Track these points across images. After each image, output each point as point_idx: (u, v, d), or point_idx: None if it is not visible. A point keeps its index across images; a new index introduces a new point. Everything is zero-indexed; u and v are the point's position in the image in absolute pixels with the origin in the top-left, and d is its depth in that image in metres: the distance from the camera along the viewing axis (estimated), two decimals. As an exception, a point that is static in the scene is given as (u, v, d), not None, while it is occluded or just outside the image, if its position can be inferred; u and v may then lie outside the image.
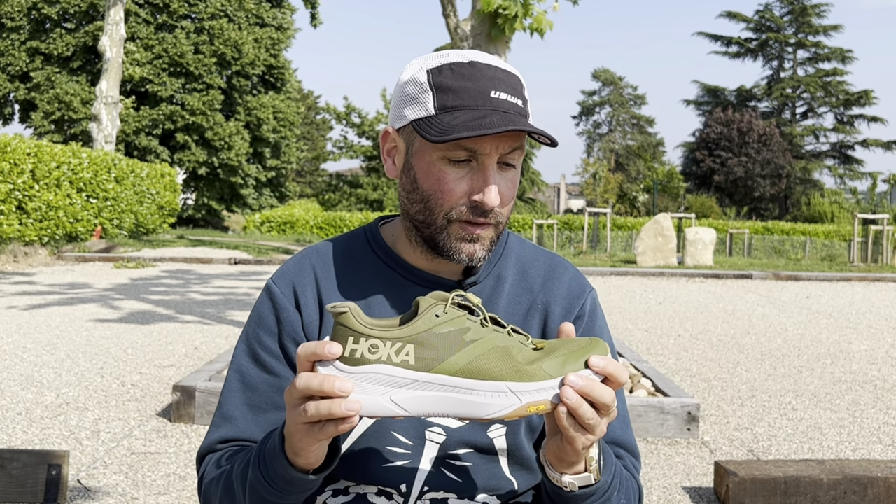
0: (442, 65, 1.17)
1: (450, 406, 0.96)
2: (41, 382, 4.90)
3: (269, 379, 1.26)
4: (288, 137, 33.93)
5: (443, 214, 1.18)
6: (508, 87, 1.16)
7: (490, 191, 1.15)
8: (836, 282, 14.22)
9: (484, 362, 0.96)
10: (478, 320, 0.99)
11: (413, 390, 0.96)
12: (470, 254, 1.19)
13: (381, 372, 0.95)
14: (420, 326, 0.97)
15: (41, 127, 29.39)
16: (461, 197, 1.17)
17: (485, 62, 1.17)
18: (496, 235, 1.21)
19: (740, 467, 3.16)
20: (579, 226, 25.30)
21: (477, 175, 1.16)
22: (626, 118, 57.28)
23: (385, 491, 1.23)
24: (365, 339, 0.96)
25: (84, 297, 8.95)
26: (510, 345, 0.99)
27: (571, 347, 1.00)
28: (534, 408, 0.97)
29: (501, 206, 1.19)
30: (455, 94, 1.15)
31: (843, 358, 6.56)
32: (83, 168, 15.67)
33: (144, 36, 30.25)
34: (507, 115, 1.13)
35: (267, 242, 20.55)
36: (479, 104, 1.14)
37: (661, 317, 8.79)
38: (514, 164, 1.19)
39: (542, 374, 0.97)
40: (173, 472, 3.41)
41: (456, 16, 7.38)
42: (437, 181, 1.17)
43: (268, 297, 1.29)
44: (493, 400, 0.96)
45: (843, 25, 50.29)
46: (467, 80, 1.15)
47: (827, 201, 37.71)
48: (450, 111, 1.14)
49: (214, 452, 1.26)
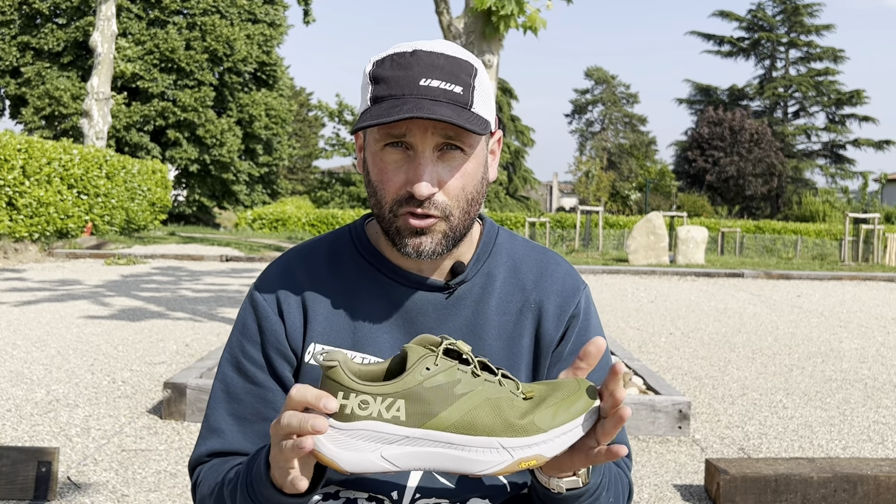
0: (386, 56, 1.16)
1: (441, 462, 0.96)
2: (31, 379, 4.88)
3: (254, 389, 1.25)
4: (280, 135, 33.87)
5: (388, 207, 1.17)
6: (445, 74, 1.13)
7: (419, 178, 1.13)
8: (826, 281, 14.27)
9: (475, 417, 0.96)
10: (468, 370, 0.99)
11: (404, 446, 0.95)
12: (416, 246, 1.17)
13: (372, 429, 0.95)
14: (410, 381, 0.95)
15: (31, 123, 29.24)
16: (400, 187, 1.15)
17: (429, 50, 1.14)
18: (450, 230, 1.18)
19: (731, 465, 3.17)
20: (571, 224, 25.32)
21: (411, 164, 1.14)
22: (619, 117, 57.38)
23: (376, 497, 1.21)
24: (355, 395, 0.95)
25: (75, 294, 8.91)
26: (501, 397, 0.98)
27: (561, 395, 1.00)
28: (525, 463, 0.97)
29: (446, 196, 1.15)
30: (386, 85, 1.13)
31: (834, 356, 6.58)
32: (74, 164, 15.60)
33: (136, 31, 30.13)
34: (427, 102, 1.10)
35: (258, 240, 20.50)
36: (406, 93, 1.11)
37: (652, 315, 8.81)
38: (456, 151, 1.15)
39: (533, 428, 0.97)
40: (164, 469, 3.40)
41: (449, 13, 7.38)
42: (380, 171, 1.17)
43: (250, 306, 1.28)
44: (485, 456, 0.96)
45: (835, 25, 50.54)
46: (401, 69, 1.13)
47: (818, 200, 37.83)
48: (378, 102, 1.13)
49: (204, 464, 1.26)
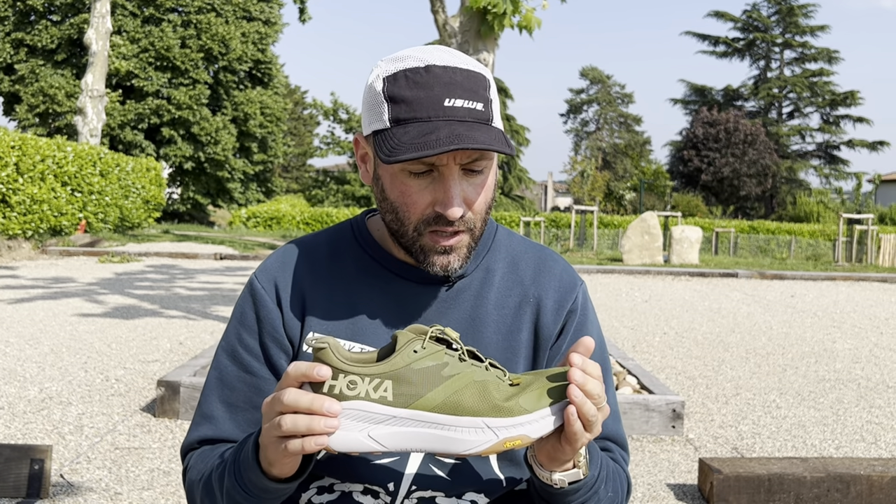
0: (398, 72, 1.14)
1: (427, 442, 0.97)
2: (24, 377, 4.87)
3: (247, 378, 1.25)
4: (275, 133, 33.83)
5: (412, 227, 1.18)
6: (466, 91, 1.13)
7: (451, 202, 1.14)
8: (820, 281, 14.31)
9: (461, 398, 0.97)
10: (456, 355, 1.00)
11: (391, 426, 0.97)
12: (444, 265, 1.19)
13: (360, 408, 0.96)
14: (398, 362, 0.97)
15: (25, 120, 29.15)
16: (426, 208, 1.16)
17: (442, 65, 1.14)
18: (473, 240, 1.20)
19: (724, 464, 3.17)
20: (566, 223, 25.34)
21: (438, 186, 1.15)
22: (614, 116, 57.39)
23: (371, 489, 1.21)
24: (344, 376, 0.97)
25: (68, 292, 8.89)
26: (488, 380, 0.99)
27: (547, 380, 1.02)
28: (510, 443, 0.98)
29: (472, 213, 1.18)
30: (408, 106, 1.12)
31: (827, 357, 6.60)
32: (68, 162, 15.56)
33: (131, 29, 30.06)
34: (459, 126, 1.10)
35: (253, 238, 20.48)
36: (432, 115, 1.11)
37: (646, 315, 8.82)
38: (479, 171, 1.17)
39: (518, 409, 0.98)
40: (157, 468, 3.39)
41: (444, 12, 7.37)
42: (402, 194, 1.17)
43: (249, 294, 1.29)
44: (470, 436, 0.97)
45: (830, 26, 50.53)
46: (421, 88, 1.12)
47: (812, 201, 37.91)
48: (402, 124, 1.12)
49: (195, 450, 1.27)
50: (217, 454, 1.20)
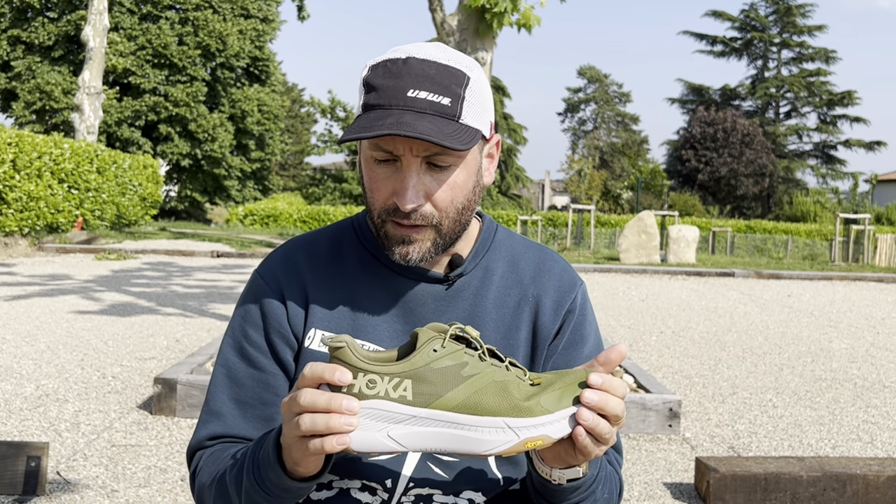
0: (381, 61, 1.15)
1: (447, 442, 0.96)
2: (21, 374, 4.86)
3: (255, 373, 1.25)
4: (272, 130, 33.78)
5: (377, 214, 1.19)
6: (434, 85, 1.12)
7: (404, 193, 1.13)
8: (817, 280, 14.32)
9: (482, 398, 0.96)
10: (476, 354, 0.99)
11: (410, 426, 0.96)
12: (403, 254, 1.19)
13: (379, 407, 0.95)
14: (418, 361, 0.96)
15: (22, 117, 29.09)
16: (388, 197, 1.16)
17: (422, 58, 1.13)
18: (440, 236, 1.19)
19: (721, 463, 3.18)
20: (563, 222, 25.36)
21: (398, 176, 1.15)
22: (611, 115, 57.39)
23: (369, 486, 1.21)
24: (363, 375, 0.96)
25: (65, 289, 8.88)
26: (508, 380, 0.98)
27: (567, 381, 1.00)
28: (531, 443, 0.97)
29: (434, 208, 1.16)
30: (376, 94, 1.13)
31: (824, 356, 6.61)
32: (65, 159, 15.53)
33: (128, 26, 30.00)
34: (412, 115, 1.09)
35: (250, 235, 20.45)
36: (392, 103, 1.11)
37: (643, 314, 8.83)
38: (443, 167, 1.15)
39: (539, 409, 0.97)
40: (154, 465, 3.39)
41: (442, 10, 7.37)
42: (370, 180, 1.18)
43: (253, 290, 1.29)
44: (491, 436, 0.96)
45: (828, 26, 50.62)
46: (392, 77, 1.12)
47: (809, 201, 37.97)
48: (368, 111, 1.13)
49: (205, 449, 1.26)
50: (229, 455, 1.19)
